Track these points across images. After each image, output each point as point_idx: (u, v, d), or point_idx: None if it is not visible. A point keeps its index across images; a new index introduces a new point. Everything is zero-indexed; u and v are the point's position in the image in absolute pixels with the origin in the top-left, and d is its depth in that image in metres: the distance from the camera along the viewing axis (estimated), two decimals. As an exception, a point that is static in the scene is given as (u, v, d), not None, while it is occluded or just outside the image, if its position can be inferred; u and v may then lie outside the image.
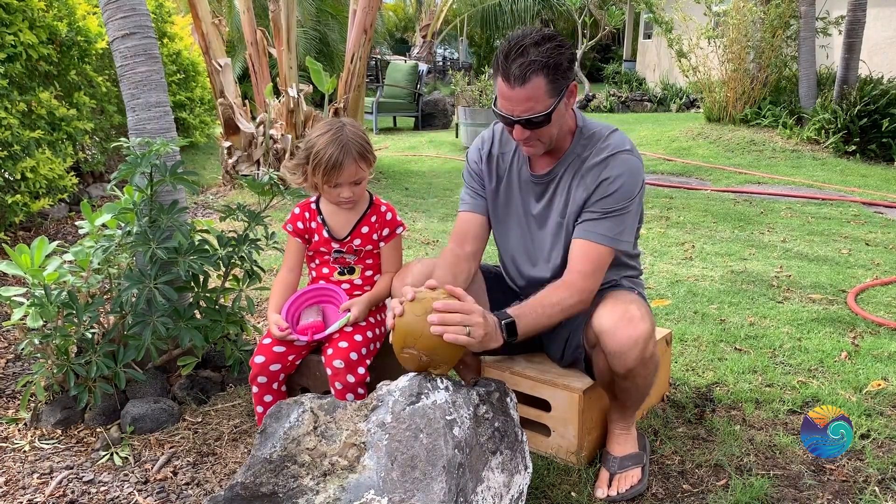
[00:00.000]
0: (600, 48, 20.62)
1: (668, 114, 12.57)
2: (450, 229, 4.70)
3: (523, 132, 1.75)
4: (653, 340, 1.76)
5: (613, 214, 1.81)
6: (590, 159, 1.85)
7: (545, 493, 1.85)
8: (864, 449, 2.05)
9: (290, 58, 6.23)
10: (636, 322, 1.72)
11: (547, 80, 1.68)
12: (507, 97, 1.71)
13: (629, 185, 1.81)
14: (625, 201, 1.81)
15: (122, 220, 2.22)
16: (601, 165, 1.82)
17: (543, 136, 1.78)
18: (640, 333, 1.72)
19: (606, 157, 1.83)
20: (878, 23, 9.81)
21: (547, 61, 1.66)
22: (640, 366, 1.75)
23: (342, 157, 1.93)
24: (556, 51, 1.67)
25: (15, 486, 1.93)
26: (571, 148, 1.88)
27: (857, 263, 3.93)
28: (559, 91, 1.71)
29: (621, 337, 1.72)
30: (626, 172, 1.81)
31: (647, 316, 1.76)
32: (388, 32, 20.58)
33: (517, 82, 1.67)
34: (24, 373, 2.57)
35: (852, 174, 6.74)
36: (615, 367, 1.77)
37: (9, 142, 3.68)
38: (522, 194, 1.98)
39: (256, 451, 1.57)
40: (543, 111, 1.70)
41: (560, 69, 1.69)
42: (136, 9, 2.33)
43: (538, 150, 1.84)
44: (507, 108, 1.73)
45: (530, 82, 1.66)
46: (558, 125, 1.79)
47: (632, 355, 1.72)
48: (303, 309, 2.09)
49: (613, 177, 1.80)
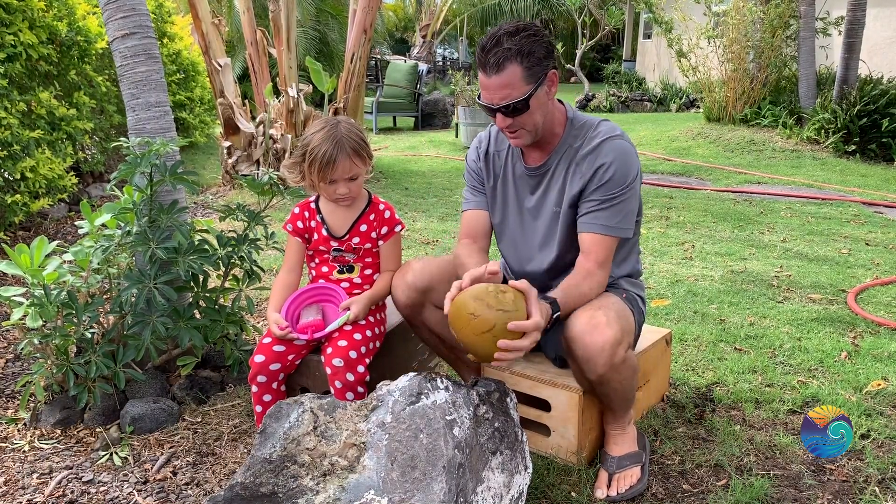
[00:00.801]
0: (600, 48, 20.65)
1: (668, 114, 12.58)
2: (449, 229, 4.70)
3: (505, 119, 1.80)
4: (622, 346, 1.73)
5: (614, 202, 1.84)
6: (583, 148, 1.88)
7: (545, 493, 1.85)
8: (864, 449, 2.05)
9: (290, 58, 6.23)
10: (602, 328, 1.70)
11: (522, 67, 1.73)
12: (485, 86, 1.78)
13: (624, 170, 1.84)
14: (622, 187, 1.84)
15: (121, 220, 2.21)
16: (595, 153, 1.85)
17: (527, 123, 1.81)
18: (606, 339, 1.69)
19: (599, 142, 1.86)
20: (877, 23, 9.81)
21: (520, 49, 1.72)
22: (612, 371, 1.74)
23: (336, 153, 1.95)
24: (530, 39, 1.73)
25: (14, 486, 1.93)
26: (563, 138, 1.92)
27: (857, 263, 3.93)
28: (536, 78, 1.76)
29: (587, 343, 1.71)
30: (619, 157, 1.84)
31: (616, 321, 1.73)
32: (388, 32, 20.59)
33: (492, 70, 1.74)
34: (24, 373, 2.57)
35: (852, 174, 6.74)
36: (587, 374, 1.77)
37: (8, 141, 3.68)
38: (518, 189, 2.01)
39: (256, 451, 1.57)
40: (520, 97, 1.75)
41: (534, 56, 1.74)
42: (135, 9, 2.33)
43: (525, 140, 1.87)
44: (487, 97, 1.79)
45: (505, 70, 1.72)
46: (541, 113, 1.82)
47: (600, 362, 1.71)
48: (302, 308, 2.09)
49: (608, 163, 1.83)
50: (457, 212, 5.31)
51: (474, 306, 1.59)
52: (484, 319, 1.57)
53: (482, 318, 1.57)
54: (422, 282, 1.95)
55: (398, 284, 1.99)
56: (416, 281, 1.95)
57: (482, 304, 1.58)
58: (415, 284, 1.95)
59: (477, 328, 1.58)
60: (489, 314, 1.57)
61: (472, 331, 1.59)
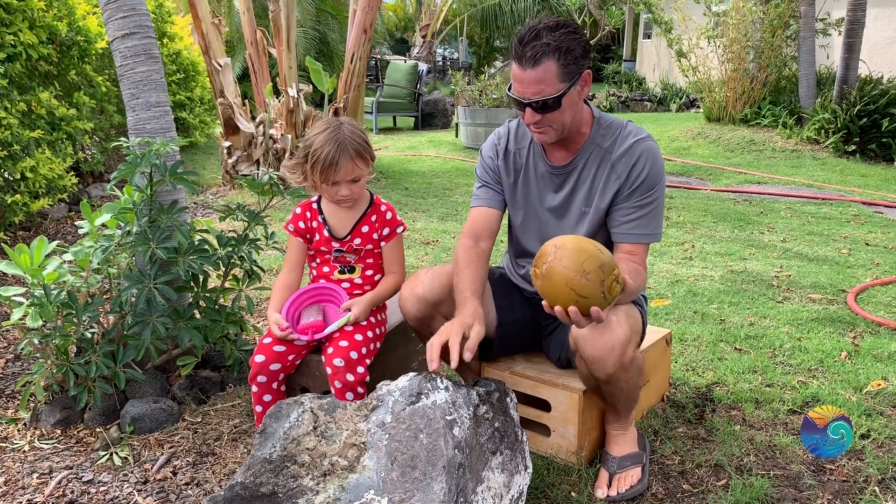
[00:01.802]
0: (600, 48, 20.63)
1: (668, 114, 12.58)
2: (449, 229, 4.69)
3: (534, 115, 1.77)
4: (631, 345, 1.74)
5: (649, 209, 1.86)
6: (616, 149, 1.87)
7: (545, 493, 1.85)
8: (864, 449, 2.05)
9: (290, 58, 6.23)
10: (612, 327, 1.70)
11: (558, 64, 1.70)
12: (518, 79, 1.74)
13: (656, 171, 1.86)
14: (656, 189, 1.86)
15: (121, 220, 2.21)
16: (629, 153, 1.85)
17: (555, 121, 1.78)
18: (616, 339, 1.69)
19: (632, 143, 1.86)
20: (877, 23, 9.81)
21: (559, 45, 1.69)
22: (620, 371, 1.74)
23: (338, 155, 1.94)
24: (569, 36, 1.70)
25: (14, 486, 1.93)
26: (591, 138, 1.89)
27: (857, 263, 3.93)
28: (571, 76, 1.73)
29: (597, 343, 1.70)
30: (651, 159, 1.85)
31: (626, 321, 1.73)
32: (388, 32, 20.58)
33: (528, 64, 1.70)
34: (24, 373, 2.57)
35: (852, 174, 6.74)
36: (595, 374, 1.77)
37: (8, 141, 3.68)
38: (539, 187, 1.98)
39: (256, 451, 1.57)
40: (554, 94, 1.72)
41: (572, 54, 1.71)
42: (135, 8, 2.33)
43: (550, 137, 1.84)
44: (519, 90, 1.75)
45: (541, 65, 1.69)
46: (571, 112, 1.79)
47: (609, 361, 1.71)
48: (303, 308, 2.09)
49: (642, 165, 1.84)
50: (457, 212, 5.31)
51: (592, 273, 1.52)
52: (587, 288, 1.52)
53: (587, 285, 1.52)
54: (432, 295, 1.92)
55: (408, 297, 1.95)
56: (426, 294, 1.91)
57: (596, 278, 1.52)
58: (425, 297, 1.92)
59: (575, 285, 1.51)
60: (595, 289, 1.52)
61: (567, 283, 1.52)
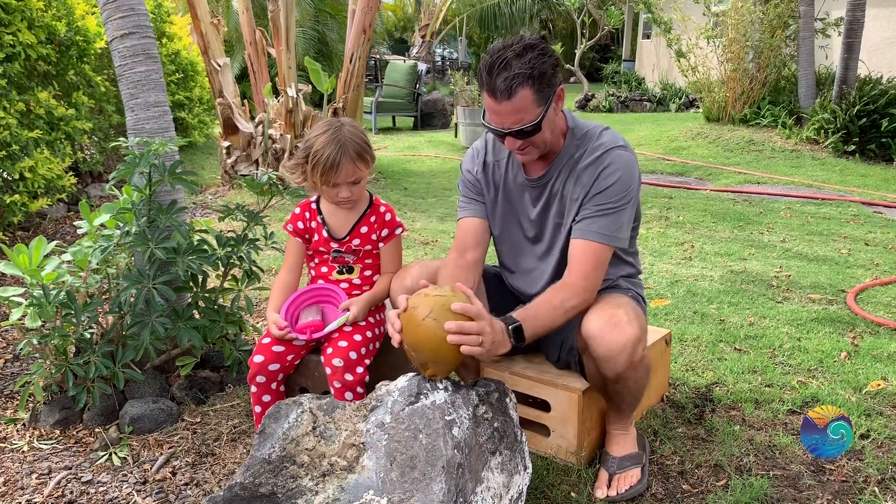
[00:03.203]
0: (599, 48, 20.63)
1: (668, 114, 12.58)
2: (449, 229, 4.69)
3: (515, 142, 1.75)
4: (642, 344, 1.74)
5: (610, 211, 1.80)
6: (584, 159, 1.83)
7: (545, 494, 1.85)
8: (863, 449, 2.04)
9: (289, 58, 6.23)
10: (623, 326, 1.70)
11: (533, 91, 1.65)
12: (494, 111, 1.70)
13: (624, 181, 1.80)
14: (621, 197, 1.80)
15: (120, 220, 2.21)
16: (596, 163, 1.81)
17: (537, 142, 1.77)
18: (628, 338, 1.69)
19: (601, 154, 1.81)
20: (877, 23, 9.81)
21: (531, 72, 1.63)
22: (630, 370, 1.74)
23: (339, 157, 1.93)
24: (540, 59, 1.65)
25: (13, 487, 1.93)
26: (564, 149, 1.87)
27: (857, 263, 3.93)
28: (546, 98, 1.69)
29: (609, 342, 1.70)
30: (620, 168, 1.80)
31: (636, 320, 1.74)
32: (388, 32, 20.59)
33: (503, 96, 1.65)
34: (23, 373, 2.56)
35: (852, 174, 6.74)
36: (605, 372, 1.76)
37: (7, 141, 3.67)
38: (520, 199, 1.97)
39: (255, 451, 1.57)
40: (533, 120, 1.69)
41: (545, 78, 1.66)
42: (134, 8, 2.32)
43: (533, 156, 1.83)
44: (497, 121, 1.71)
45: (517, 95, 1.64)
46: (550, 129, 1.78)
47: (620, 360, 1.71)
48: (302, 308, 2.09)
49: (609, 173, 1.79)
50: (456, 212, 5.30)
51: (413, 301, 1.56)
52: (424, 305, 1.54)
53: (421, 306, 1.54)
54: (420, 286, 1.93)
55: (396, 289, 1.97)
56: (414, 286, 1.91)
57: (419, 296, 1.56)
58: (413, 289, 1.92)
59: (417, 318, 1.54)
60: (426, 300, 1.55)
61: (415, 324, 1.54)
